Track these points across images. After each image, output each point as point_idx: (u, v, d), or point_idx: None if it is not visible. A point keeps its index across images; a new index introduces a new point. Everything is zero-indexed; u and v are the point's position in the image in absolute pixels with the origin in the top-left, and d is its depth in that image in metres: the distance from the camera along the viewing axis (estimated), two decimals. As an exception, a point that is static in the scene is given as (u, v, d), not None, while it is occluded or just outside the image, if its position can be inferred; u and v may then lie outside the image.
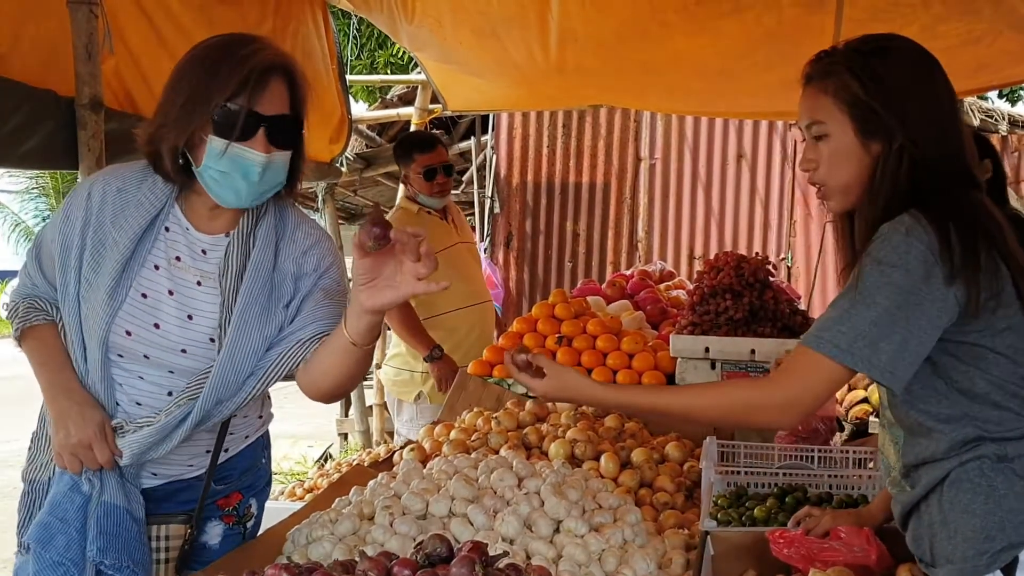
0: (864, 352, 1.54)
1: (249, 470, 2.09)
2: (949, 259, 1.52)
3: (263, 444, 2.14)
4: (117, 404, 1.89)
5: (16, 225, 21.52)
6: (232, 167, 1.79)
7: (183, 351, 1.88)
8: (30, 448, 2.01)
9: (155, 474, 1.96)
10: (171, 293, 1.88)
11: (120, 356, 1.88)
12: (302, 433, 8.00)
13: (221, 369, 1.86)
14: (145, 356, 1.87)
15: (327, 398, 1.95)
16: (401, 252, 1.60)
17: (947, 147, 1.63)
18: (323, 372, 1.88)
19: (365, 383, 5.60)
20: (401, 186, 4.41)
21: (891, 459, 1.75)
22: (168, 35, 3.04)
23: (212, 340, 1.89)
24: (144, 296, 1.87)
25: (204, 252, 1.91)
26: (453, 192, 4.41)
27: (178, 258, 1.90)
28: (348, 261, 1.83)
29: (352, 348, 1.77)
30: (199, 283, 1.89)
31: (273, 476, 2.26)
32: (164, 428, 1.85)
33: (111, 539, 1.80)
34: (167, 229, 1.90)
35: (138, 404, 1.90)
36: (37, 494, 1.95)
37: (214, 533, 2.04)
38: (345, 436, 6.86)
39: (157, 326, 1.87)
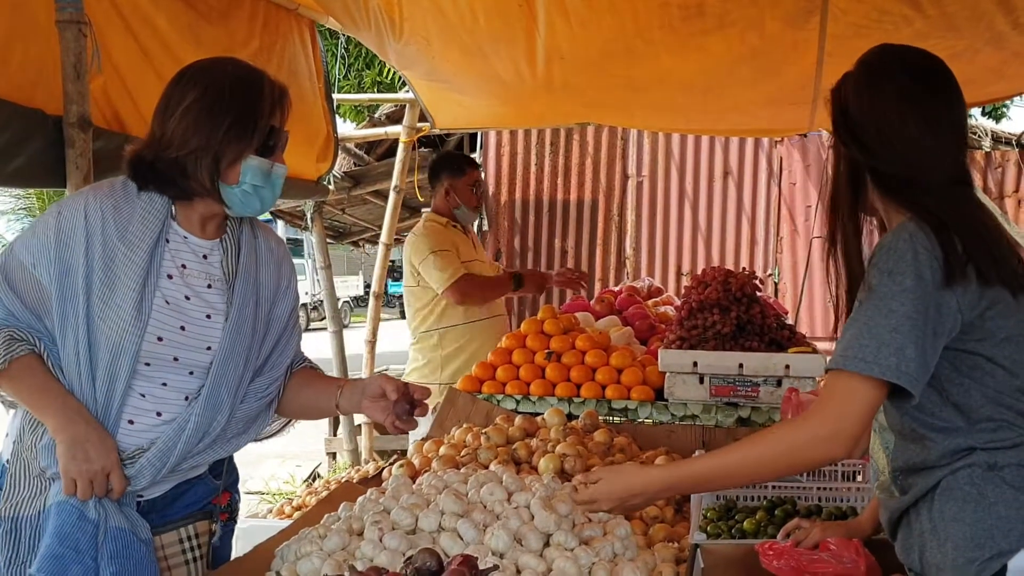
0: (891, 360, 1.52)
1: (234, 468, 2.22)
2: (951, 266, 1.53)
3: None
4: (130, 423, 1.93)
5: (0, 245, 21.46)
6: (266, 181, 1.98)
7: (208, 348, 2.00)
8: (6, 484, 1.94)
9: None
10: (188, 298, 1.99)
11: (147, 364, 1.93)
12: (290, 452, 7.93)
13: (222, 359, 1.99)
14: (175, 359, 1.96)
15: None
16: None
17: (940, 149, 1.65)
18: (299, 409, 2.26)
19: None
20: (433, 200, 4.51)
21: (880, 463, 1.75)
22: (155, 54, 3.04)
23: None
24: (167, 302, 1.95)
25: (206, 257, 2.03)
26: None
27: (184, 266, 1.99)
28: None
29: (336, 412, 2.21)
30: (209, 285, 2.02)
31: (261, 495, 2.30)
32: (171, 441, 1.93)
33: (123, 562, 1.84)
34: (167, 240, 1.97)
35: (158, 414, 1.95)
36: (23, 531, 1.89)
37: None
38: (333, 455, 6.82)
39: (183, 328, 1.97)
